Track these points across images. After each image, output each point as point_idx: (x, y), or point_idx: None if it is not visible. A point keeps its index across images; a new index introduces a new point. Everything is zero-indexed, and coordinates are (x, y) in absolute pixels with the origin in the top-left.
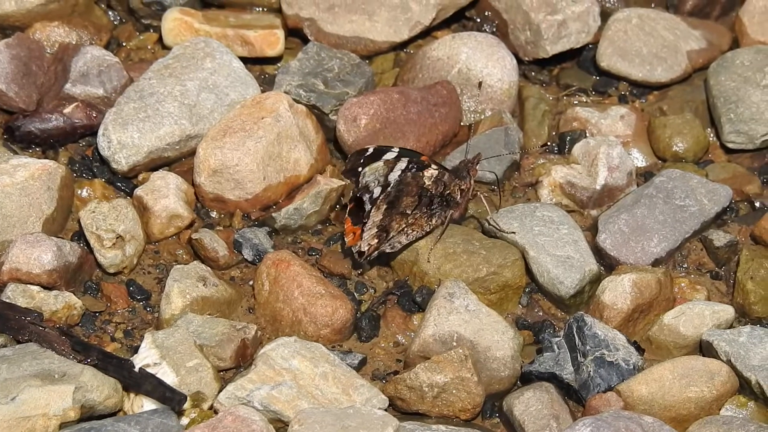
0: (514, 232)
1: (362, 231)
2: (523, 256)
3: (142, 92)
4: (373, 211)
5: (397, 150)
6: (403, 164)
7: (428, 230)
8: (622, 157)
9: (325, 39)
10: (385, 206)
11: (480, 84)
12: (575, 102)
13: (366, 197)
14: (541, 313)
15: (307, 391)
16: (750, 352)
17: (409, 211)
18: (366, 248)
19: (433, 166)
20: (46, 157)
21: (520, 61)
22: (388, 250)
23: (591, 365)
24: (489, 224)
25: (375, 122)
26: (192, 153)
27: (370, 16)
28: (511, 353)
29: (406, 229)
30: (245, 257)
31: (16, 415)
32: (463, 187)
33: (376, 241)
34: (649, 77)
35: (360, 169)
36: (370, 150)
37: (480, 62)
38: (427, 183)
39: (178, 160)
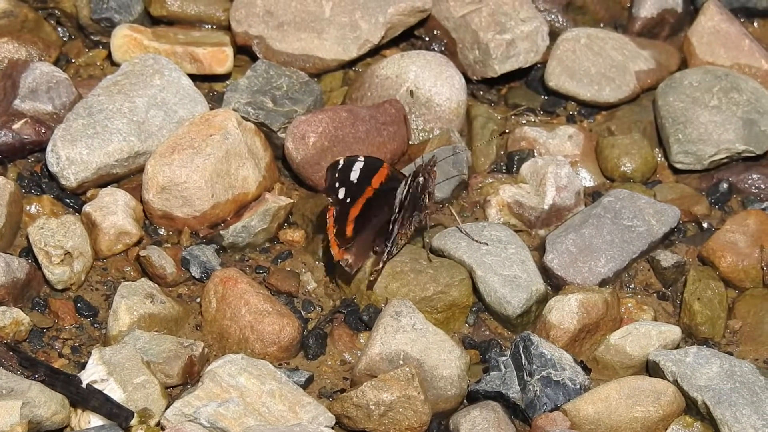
0: (486, 243)
1: (387, 245)
2: (470, 275)
3: (91, 109)
4: (396, 225)
5: (363, 158)
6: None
7: (409, 237)
8: (570, 176)
9: (274, 57)
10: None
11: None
12: (523, 121)
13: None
14: (487, 333)
15: (254, 408)
16: (696, 372)
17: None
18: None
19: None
20: None
21: (468, 81)
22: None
23: (537, 384)
24: (462, 232)
25: (323, 140)
26: (141, 170)
27: (319, 34)
28: (457, 372)
29: (401, 236)
30: (193, 275)
31: None
32: (429, 190)
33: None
34: (597, 97)
35: (337, 184)
36: (341, 162)
37: (428, 81)
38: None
39: (127, 177)
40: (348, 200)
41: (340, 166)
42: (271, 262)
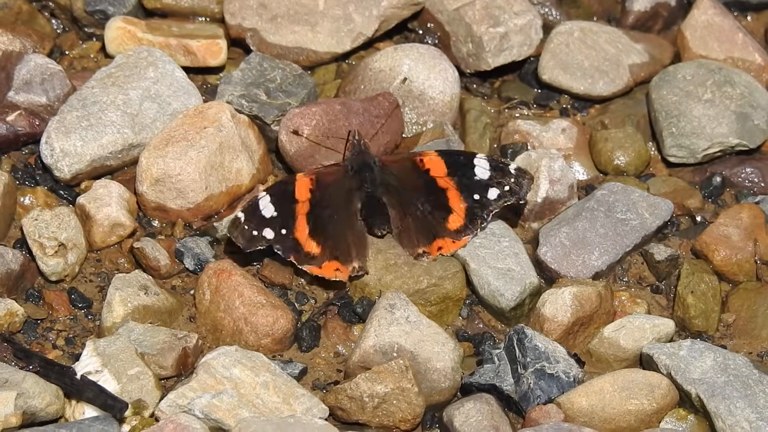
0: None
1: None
2: (463, 268)
3: (85, 101)
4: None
5: (264, 193)
6: None
7: None
8: (563, 170)
9: (267, 49)
10: None
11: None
12: (517, 115)
13: None
14: (481, 325)
15: (248, 399)
16: (690, 365)
17: None
18: None
19: None
20: None
21: (462, 74)
22: None
23: (531, 377)
24: None
25: (317, 133)
26: (134, 162)
27: (312, 27)
28: (451, 364)
29: None
30: (187, 266)
31: None
32: None
33: None
34: (590, 91)
35: (255, 233)
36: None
37: (422, 74)
38: None
39: (121, 169)
40: (283, 231)
41: (243, 220)
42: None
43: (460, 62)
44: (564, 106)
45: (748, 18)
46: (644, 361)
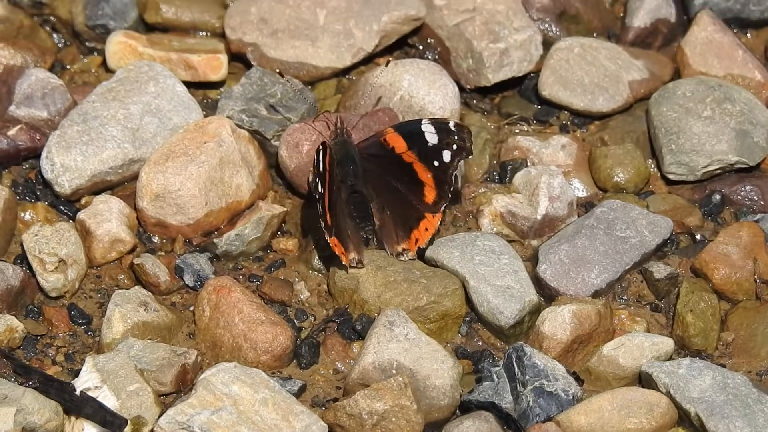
0: None
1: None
2: (463, 285)
3: (86, 115)
4: None
5: (321, 146)
6: None
7: None
8: (563, 187)
9: (268, 64)
10: None
11: (388, 62)
12: (516, 131)
13: None
14: (480, 343)
15: (247, 416)
16: (689, 384)
17: None
18: None
19: None
20: None
21: (462, 89)
22: None
23: (530, 395)
24: None
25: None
26: (135, 177)
27: (313, 42)
28: (450, 382)
29: None
30: (186, 283)
31: None
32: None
33: None
34: (590, 107)
35: (317, 180)
36: (315, 158)
37: (422, 89)
38: None
39: (121, 184)
40: (322, 190)
41: (315, 163)
42: (265, 270)
43: (460, 78)
44: (564, 122)
45: (748, 35)
46: (643, 380)
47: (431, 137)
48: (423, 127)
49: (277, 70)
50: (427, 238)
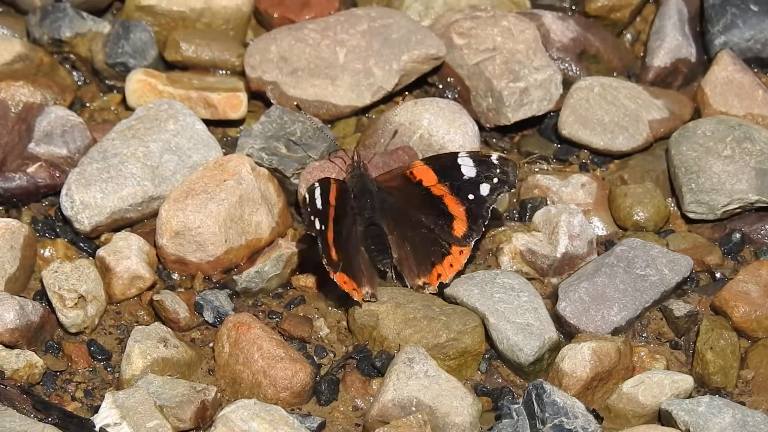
0: None
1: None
2: (483, 322)
3: (106, 153)
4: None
5: (317, 183)
6: None
7: None
8: (582, 225)
9: (287, 102)
10: None
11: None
12: (536, 170)
13: None
14: (500, 380)
15: None
16: (709, 422)
17: None
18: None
19: None
20: (9, 217)
21: (481, 128)
22: None
23: None
24: None
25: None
26: (154, 214)
27: (332, 80)
28: (470, 419)
29: None
30: (206, 319)
31: None
32: None
33: None
34: (610, 146)
35: (312, 217)
36: (307, 195)
37: (442, 128)
38: None
39: (141, 222)
40: (323, 227)
41: (308, 200)
42: (284, 307)
43: (480, 117)
44: (583, 161)
45: None
46: (663, 417)
47: (468, 170)
48: (459, 160)
49: (295, 104)
50: (451, 273)
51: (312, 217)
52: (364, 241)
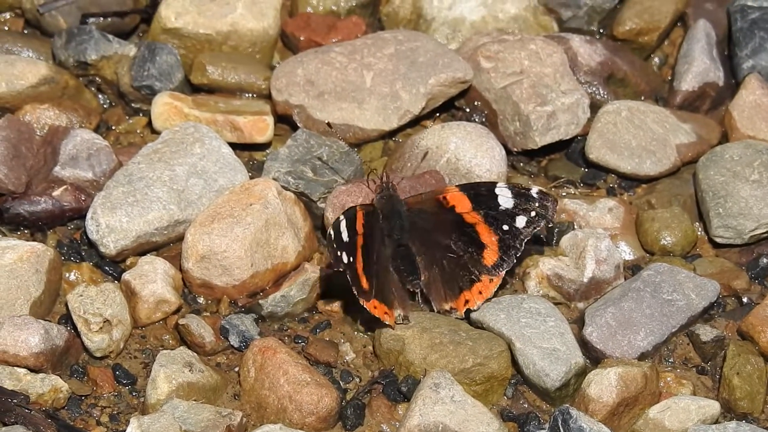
0: None
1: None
2: (509, 347)
3: (131, 176)
4: None
5: (342, 216)
6: None
7: None
8: (609, 250)
9: (314, 126)
10: None
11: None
12: (563, 194)
13: None
14: (526, 405)
15: None
16: None
17: None
18: None
19: None
20: (34, 240)
21: (508, 152)
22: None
23: None
24: None
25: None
26: (180, 238)
27: (359, 104)
28: None
29: None
30: (232, 344)
31: None
32: None
33: None
34: (637, 170)
35: (339, 253)
36: (332, 233)
37: (469, 152)
38: None
39: (166, 245)
40: (351, 259)
41: (333, 236)
42: (310, 331)
43: (507, 140)
44: (611, 185)
45: None
46: None
47: (505, 201)
48: (497, 190)
49: (327, 122)
50: (480, 301)
51: (338, 252)
52: (393, 262)
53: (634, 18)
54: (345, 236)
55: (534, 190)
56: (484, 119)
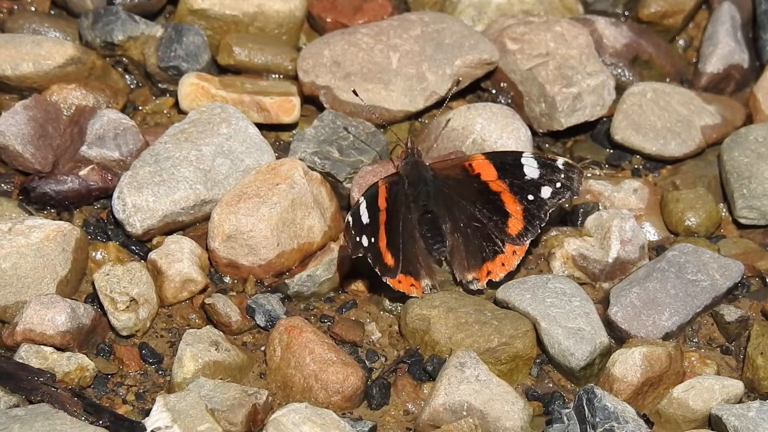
0: None
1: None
2: (534, 327)
3: (158, 156)
4: None
5: (362, 198)
6: None
7: None
8: (634, 230)
9: (340, 107)
10: None
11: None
12: (588, 175)
13: None
14: (551, 385)
15: None
16: (759, 427)
17: None
18: None
19: None
20: (60, 219)
21: (534, 133)
22: None
23: None
24: None
25: None
26: (206, 218)
27: (386, 85)
28: (520, 424)
29: None
30: (258, 323)
31: None
32: None
33: None
34: (662, 151)
35: (358, 239)
36: (350, 219)
37: (494, 133)
38: None
39: (193, 225)
40: (372, 240)
41: (352, 221)
42: (336, 311)
43: (532, 122)
44: (636, 166)
45: None
46: (713, 423)
47: (531, 171)
48: (523, 160)
49: (353, 90)
50: (502, 273)
51: (357, 239)
52: (420, 228)
53: (659, 0)
54: (365, 218)
55: (560, 161)
56: (509, 101)
